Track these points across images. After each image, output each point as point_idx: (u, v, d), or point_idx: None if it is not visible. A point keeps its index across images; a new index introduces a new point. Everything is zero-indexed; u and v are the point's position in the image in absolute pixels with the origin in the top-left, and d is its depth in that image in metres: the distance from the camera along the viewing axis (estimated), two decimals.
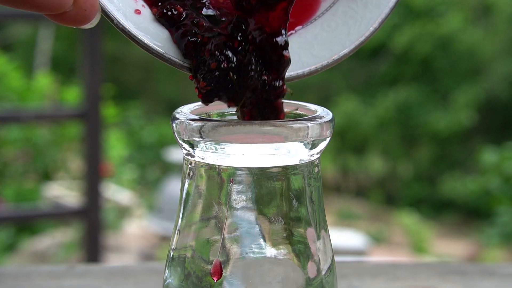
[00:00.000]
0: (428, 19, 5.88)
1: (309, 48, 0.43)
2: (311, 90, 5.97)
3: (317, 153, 0.41)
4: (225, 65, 0.39)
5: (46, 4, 0.34)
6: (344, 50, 0.43)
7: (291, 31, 0.44)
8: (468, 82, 5.88)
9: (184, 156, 0.41)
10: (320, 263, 0.41)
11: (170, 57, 0.40)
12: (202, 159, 0.40)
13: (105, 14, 0.39)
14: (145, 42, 0.40)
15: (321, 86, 6.18)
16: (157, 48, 0.40)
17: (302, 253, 0.40)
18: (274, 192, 0.39)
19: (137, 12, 0.41)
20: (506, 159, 4.54)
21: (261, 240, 0.40)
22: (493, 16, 6.20)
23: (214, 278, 0.39)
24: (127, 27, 0.39)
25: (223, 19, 0.41)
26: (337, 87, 6.22)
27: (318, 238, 0.41)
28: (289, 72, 0.42)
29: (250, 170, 0.39)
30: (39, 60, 5.02)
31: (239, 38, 0.40)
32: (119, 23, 0.39)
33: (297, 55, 0.43)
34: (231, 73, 0.39)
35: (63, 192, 3.52)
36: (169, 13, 0.40)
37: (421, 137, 6.08)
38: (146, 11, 0.41)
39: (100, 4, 0.38)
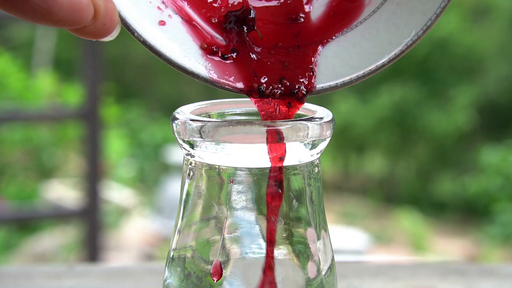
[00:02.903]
0: None
1: (346, 58, 0.41)
2: None
3: (317, 153, 0.41)
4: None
5: (65, 20, 0.34)
6: (382, 60, 0.40)
7: (328, 39, 0.42)
8: (467, 83, 5.89)
9: (184, 156, 0.41)
10: (320, 263, 0.41)
11: (193, 70, 0.39)
12: (202, 159, 0.40)
13: (126, 27, 0.38)
14: (167, 55, 0.39)
15: None
16: (180, 62, 0.39)
17: (302, 253, 0.40)
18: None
19: (162, 23, 0.40)
20: (507, 159, 4.54)
21: (261, 240, 0.40)
22: (492, 16, 6.20)
23: (214, 278, 0.39)
24: (148, 41, 0.38)
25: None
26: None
27: (318, 238, 0.41)
28: (321, 84, 0.40)
29: (250, 170, 0.39)
30: (40, 60, 5.02)
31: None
32: (140, 36, 0.38)
33: (332, 65, 0.41)
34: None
35: (63, 192, 3.52)
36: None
37: (420, 137, 6.08)
38: (172, 21, 0.40)
39: (120, 17, 0.38)
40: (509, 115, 5.89)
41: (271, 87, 0.40)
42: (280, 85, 0.40)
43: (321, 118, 0.40)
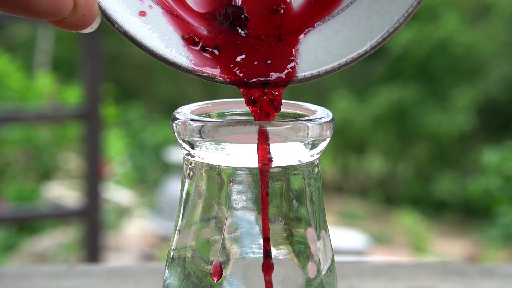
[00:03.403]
0: (426, 20, 5.87)
1: (328, 46, 0.41)
2: (309, 89, 5.97)
3: (317, 153, 0.41)
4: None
5: (45, 12, 0.34)
6: (364, 47, 0.40)
7: (310, 27, 0.42)
8: (467, 83, 5.89)
9: (184, 156, 0.41)
10: (320, 263, 0.41)
11: (175, 60, 0.39)
12: (202, 159, 0.40)
13: (106, 18, 0.38)
14: (148, 46, 0.39)
15: (318, 86, 6.19)
16: (161, 52, 0.39)
17: (302, 253, 0.40)
18: (274, 193, 0.39)
19: (142, 14, 0.39)
20: (507, 159, 4.54)
21: (261, 240, 0.40)
22: (492, 16, 6.20)
23: (214, 278, 0.39)
24: (129, 32, 0.38)
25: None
26: (335, 87, 6.22)
27: (318, 238, 0.41)
28: (304, 72, 0.40)
29: (250, 170, 0.39)
30: (39, 60, 5.03)
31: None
32: (121, 27, 0.38)
33: (314, 54, 0.41)
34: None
35: (63, 192, 3.52)
36: None
37: (420, 137, 6.08)
38: (153, 12, 0.40)
39: (100, 8, 0.37)
40: (509, 115, 5.89)
41: (258, 97, 0.40)
42: (263, 95, 0.40)
43: (321, 118, 0.40)
